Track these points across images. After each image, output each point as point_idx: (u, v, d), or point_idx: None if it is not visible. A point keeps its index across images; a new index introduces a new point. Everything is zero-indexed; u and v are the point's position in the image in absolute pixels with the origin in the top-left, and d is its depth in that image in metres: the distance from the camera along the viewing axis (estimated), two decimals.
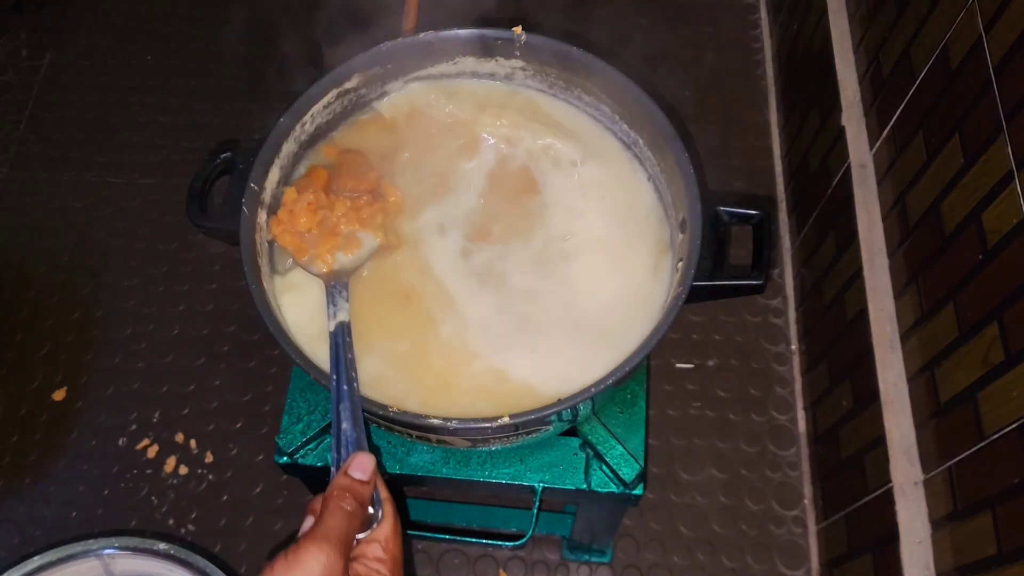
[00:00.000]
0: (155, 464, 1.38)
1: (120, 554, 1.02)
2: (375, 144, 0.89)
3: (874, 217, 1.16)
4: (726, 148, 1.67)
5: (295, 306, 0.81)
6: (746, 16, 1.84)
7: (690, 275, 0.73)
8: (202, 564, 1.00)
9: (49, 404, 1.44)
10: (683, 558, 1.30)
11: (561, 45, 0.86)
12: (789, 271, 1.52)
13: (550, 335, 0.79)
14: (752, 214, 0.79)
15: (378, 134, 0.89)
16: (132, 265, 1.57)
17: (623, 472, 0.83)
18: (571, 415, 0.75)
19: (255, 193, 0.79)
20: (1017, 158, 0.83)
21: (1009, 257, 0.84)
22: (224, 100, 1.76)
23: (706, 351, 1.47)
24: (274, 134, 0.82)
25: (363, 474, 0.63)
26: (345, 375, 0.70)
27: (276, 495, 1.36)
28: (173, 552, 1.01)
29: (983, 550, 0.85)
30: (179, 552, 1.00)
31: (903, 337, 1.07)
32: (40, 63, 1.81)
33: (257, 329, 1.49)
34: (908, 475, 1.00)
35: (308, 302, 0.81)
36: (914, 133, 1.06)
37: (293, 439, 0.86)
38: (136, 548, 1.02)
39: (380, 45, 0.87)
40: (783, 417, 1.41)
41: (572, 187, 0.88)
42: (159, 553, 1.01)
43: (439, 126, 0.90)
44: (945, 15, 1.01)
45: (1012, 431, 0.81)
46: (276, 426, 1.39)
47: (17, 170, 1.68)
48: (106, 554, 1.02)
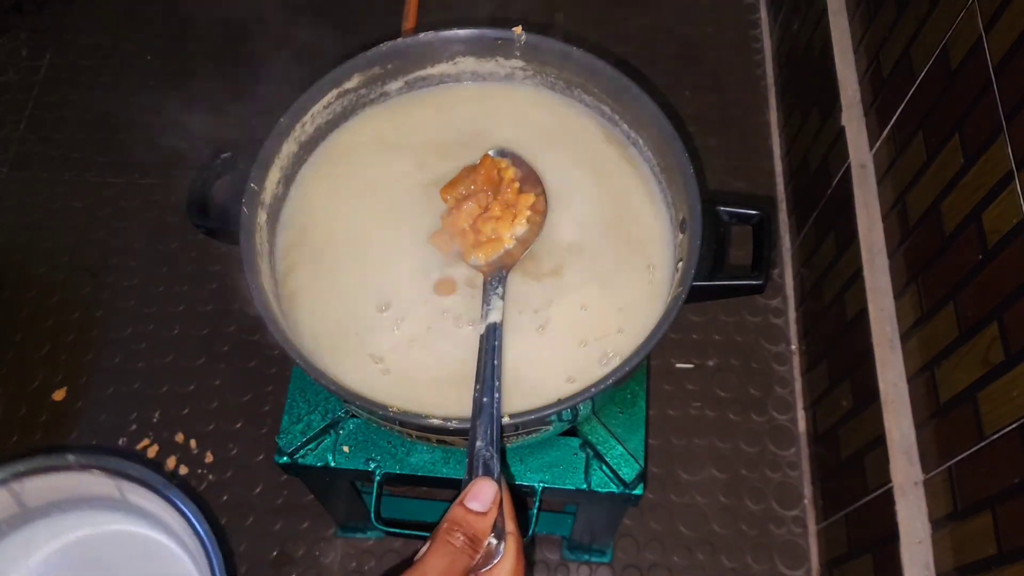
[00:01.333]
0: (155, 464, 1.38)
1: (27, 479, 0.89)
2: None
3: (874, 217, 1.16)
4: (726, 148, 1.67)
5: (295, 305, 0.81)
6: (746, 16, 1.84)
7: (690, 275, 0.73)
8: (114, 464, 0.90)
9: (49, 404, 1.44)
10: (683, 558, 1.30)
11: (561, 45, 0.86)
12: (789, 271, 1.52)
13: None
14: (752, 214, 0.79)
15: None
16: (132, 265, 1.57)
17: (623, 472, 0.83)
18: (571, 415, 0.75)
19: (255, 193, 0.79)
20: (1017, 158, 0.83)
21: (1009, 257, 0.84)
22: (225, 100, 1.76)
23: (706, 351, 1.47)
24: (274, 134, 0.82)
25: (481, 505, 0.57)
26: (489, 385, 0.63)
27: (276, 495, 1.36)
28: (84, 461, 0.88)
29: (983, 550, 0.85)
30: (89, 460, 0.88)
31: (903, 337, 1.07)
32: (40, 63, 1.81)
33: (257, 329, 1.49)
34: (908, 475, 1.00)
35: (310, 301, 0.81)
36: (914, 133, 1.06)
37: (293, 439, 0.86)
38: (43, 468, 0.89)
39: (380, 45, 0.87)
40: (783, 417, 1.41)
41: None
42: (71, 467, 0.89)
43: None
44: (945, 15, 1.01)
45: (1012, 431, 0.81)
46: (276, 426, 1.39)
47: (17, 170, 1.68)
48: (12, 484, 0.89)
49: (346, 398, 0.70)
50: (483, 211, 0.79)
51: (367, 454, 0.86)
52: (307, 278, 0.82)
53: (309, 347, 0.78)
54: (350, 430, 0.88)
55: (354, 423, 0.88)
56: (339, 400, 0.86)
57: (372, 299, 0.81)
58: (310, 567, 1.31)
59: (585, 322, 0.79)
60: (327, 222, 0.85)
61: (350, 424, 0.88)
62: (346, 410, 0.88)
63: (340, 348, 0.78)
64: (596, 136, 0.90)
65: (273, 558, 1.31)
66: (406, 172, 0.88)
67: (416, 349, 0.78)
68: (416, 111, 0.92)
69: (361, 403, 0.70)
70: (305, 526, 1.33)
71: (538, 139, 0.90)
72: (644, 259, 0.83)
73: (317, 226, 0.85)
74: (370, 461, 0.86)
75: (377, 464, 0.86)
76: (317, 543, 1.32)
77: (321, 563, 1.31)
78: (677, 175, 0.79)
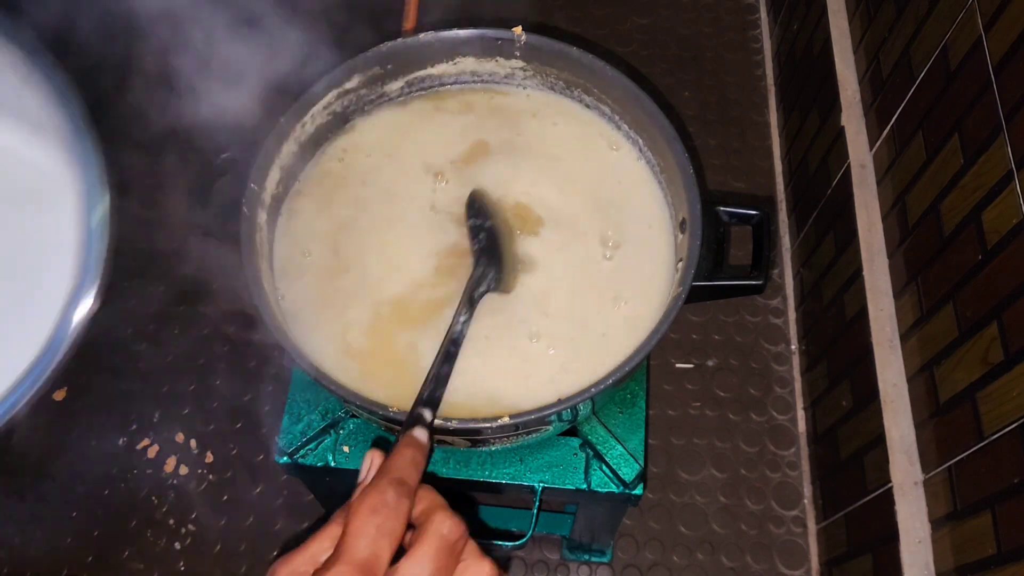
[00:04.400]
0: (155, 464, 1.38)
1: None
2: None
3: (874, 217, 1.16)
4: (726, 148, 1.67)
5: (294, 304, 0.81)
6: (746, 16, 1.84)
7: (690, 275, 0.73)
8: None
9: (49, 404, 1.44)
10: (683, 558, 1.30)
11: (561, 45, 0.86)
12: (789, 271, 1.52)
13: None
14: (752, 214, 0.79)
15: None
16: (132, 265, 1.57)
17: (623, 472, 0.84)
18: (571, 415, 0.75)
19: (255, 193, 0.79)
20: (1017, 158, 0.83)
21: (1009, 257, 0.84)
22: (225, 101, 1.76)
23: (706, 351, 1.47)
24: (274, 134, 0.82)
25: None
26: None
27: (276, 495, 1.36)
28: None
29: (983, 550, 0.85)
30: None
31: (903, 337, 1.07)
32: None
33: (257, 329, 1.49)
34: (908, 475, 1.00)
35: (308, 299, 0.81)
36: (914, 133, 1.06)
37: (293, 439, 0.86)
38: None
39: (380, 45, 0.87)
40: (783, 417, 1.41)
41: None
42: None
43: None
44: (945, 15, 1.01)
45: (1012, 431, 0.81)
46: (276, 426, 1.38)
47: None
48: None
49: (346, 398, 0.70)
50: None
51: None
52: (307, 278, 0.82)
53: (308, 347, 0.78)
54: (350, 430, 0.88)
55: (354, 423, 0.88)
56: (339, 400, 0.86)
57: (371, 301, 0.81)
58: None
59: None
60: (326, 223, 0.85)
61: (350, 424, 0.88)
62: (346, 410, 0.88)
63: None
64: (598, 137, 0.90)
65: (273, 558, 1.31)
66: (406, 173, 0.88)
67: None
68: (416, 111, 0.92)
69: (361, 403, 0.70)
70: (305, 526, 1.33)
71: (538, 139, 0.90)
72: (643, 258, 0.83)
73: (316, 227, 0.85)
74: None
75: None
76: None
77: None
78: (677, 175, 0.79)
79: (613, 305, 0.80)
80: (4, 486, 1.38)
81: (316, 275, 0.82)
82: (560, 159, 0.89)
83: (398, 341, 0.79)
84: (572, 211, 0.86)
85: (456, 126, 0.91)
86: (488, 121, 0.91)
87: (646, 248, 0.83)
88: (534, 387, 0.76)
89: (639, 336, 0.74)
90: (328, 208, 0.86)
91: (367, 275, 0.82)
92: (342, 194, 0.87)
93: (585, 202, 0.86)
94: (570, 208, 0.86)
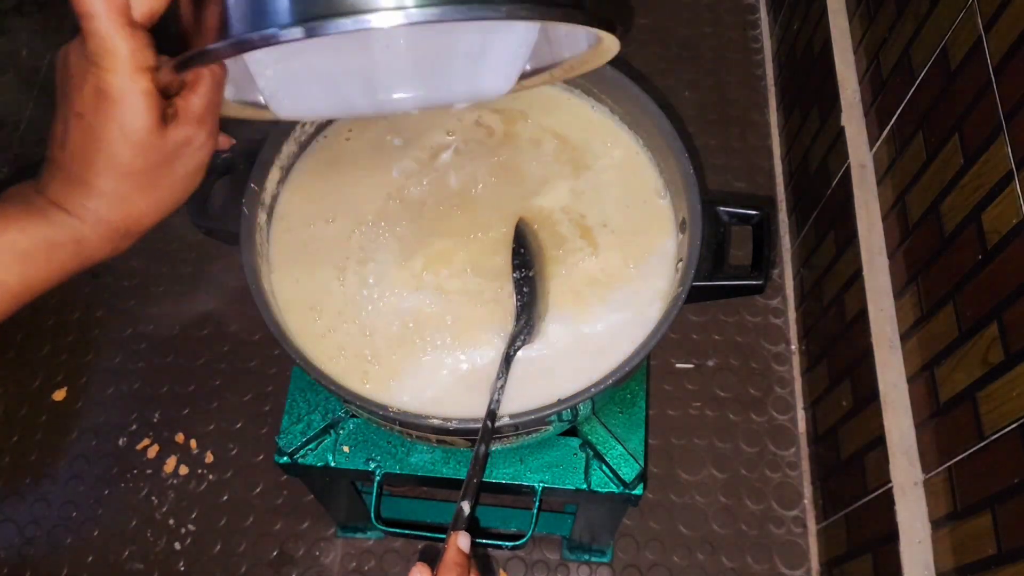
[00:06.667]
0: (155, 464, 1.38)
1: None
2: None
3: (874, 217, 1.16)
4: (726, 148, 1.67)
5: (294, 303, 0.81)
6: (746, 16, 1.84)
7: (690, 275, 0.73)
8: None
9: (49, 404, 1.44)
10: (683, 558, 1.30)
11: None
12: (789, 271, 1.52)
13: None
14: (752, 214, 0.79)
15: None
16: (132, 265, 1.57)
17: (623, 472, 0.84)
18: (571, 415, 0.75)
19: (255, 193, 0.79)
20: (1017, 158, 0.83)
21: (1009, 257, 0.84)
22: None
23: (706, 351, 1.47)
24: (274, 134, 0.82)
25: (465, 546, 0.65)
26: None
27: (276, 495, 1.36)
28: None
29: (983, 550, 0.85)
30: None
31: (903, 337, 1.07)
32: (40, 63, 1.81)
33: (257, 329, 1.49)
34: (908, 475, 1.00)
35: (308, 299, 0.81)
36: (914, 133, 1.06)
37: (293, 439, 0.86)
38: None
39: None
40: (783, 417, 1.41)
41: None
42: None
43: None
44: (945, 15, 1.01)
45: (1012, 431, 0.81)
46: (276, 426, 1.39)
47: (17, 171, 1.68)
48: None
49: (346, 398, 0.70)
50: None
51: (367, 454, 0.86)
52: (310, 281, 0.82)
53: (308, 347, 0.78)
54: (350, 430, 0.88)
55: (354, 423, 0.88)
56: (339, 400, 0.86)
57: (370, 302, 0.81)
58: (310, 567, 1.31)
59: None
60: (325, 224, 0.85)
61: (350, 424, 0.88)
62: (346, 410, 0.88)
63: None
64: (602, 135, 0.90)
65: (273, 558, 1.32)
66: (406, 174, 0.88)
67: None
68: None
69: (361, 403, 0.70)
70: (305, 526, 1.34)
71: (538, 138, 0.90)
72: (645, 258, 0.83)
73: (315, 228, 0.85)
74: (370, 461, 0.86)
75: (377, 464, 0.86)
76: (317, 543, 1.32)
77: (321, 563, 1.31)
78: (677, 175, 0.79)
79: (613, 305, 0.80)
80: (4, 486, 1.38)
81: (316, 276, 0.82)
82: (560, 159, 0.89)
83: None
84: (575, 211, 0.86)
85: (456, 126, 0.91)
86: (488, 120, 0.91)
87: (646, 248, 0.83)
88: (534, 387, 0.76)
89: (639, 336, 0.74)
90: (328, 207, 0.86)
91: (365, 275, 0.82)
92: (342, 192, 0.87)
93: (584, 202, 0.86)
94: (573, 208, 0.86)
